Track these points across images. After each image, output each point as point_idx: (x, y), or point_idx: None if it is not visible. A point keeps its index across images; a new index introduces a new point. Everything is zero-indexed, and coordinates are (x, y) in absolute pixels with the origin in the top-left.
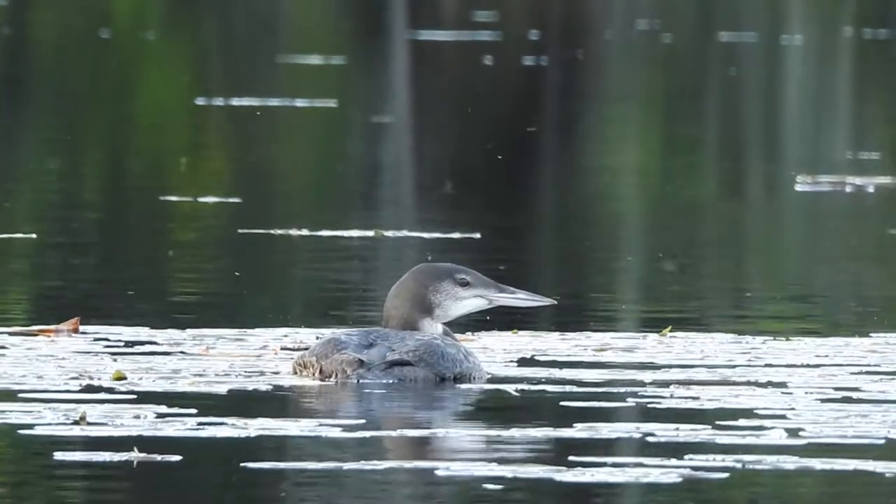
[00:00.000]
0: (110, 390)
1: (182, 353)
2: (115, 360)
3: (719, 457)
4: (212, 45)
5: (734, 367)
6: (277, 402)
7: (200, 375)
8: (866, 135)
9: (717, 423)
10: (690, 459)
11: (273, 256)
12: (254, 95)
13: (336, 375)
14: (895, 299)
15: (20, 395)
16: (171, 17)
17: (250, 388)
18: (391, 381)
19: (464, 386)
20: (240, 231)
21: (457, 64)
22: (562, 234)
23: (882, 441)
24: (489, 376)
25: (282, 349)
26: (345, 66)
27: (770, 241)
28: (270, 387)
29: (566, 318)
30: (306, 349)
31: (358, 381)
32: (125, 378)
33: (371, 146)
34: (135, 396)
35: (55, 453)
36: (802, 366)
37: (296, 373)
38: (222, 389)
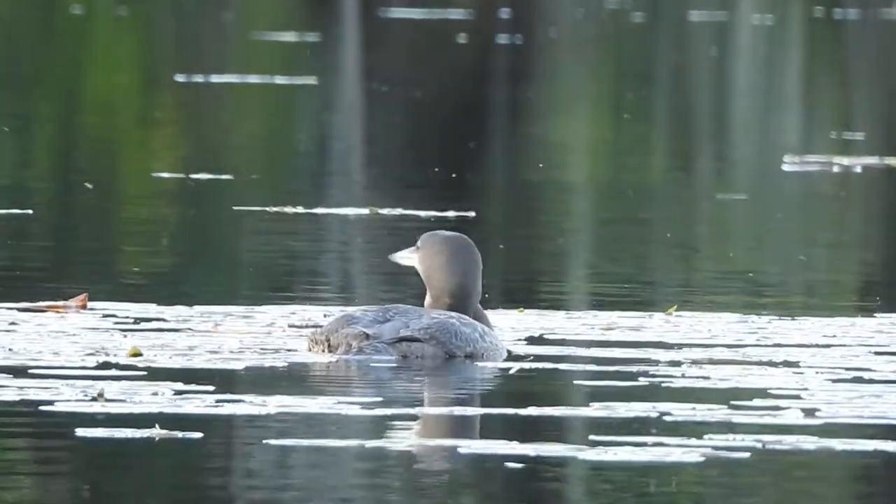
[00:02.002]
0: (126, 367)
1: (190, 329)
2: (125, 337)
3: (738, 436)
4: (182, 22)
5: (743, 346)
6: (294, 379)
7: (215, 353)
8: (841, 116)
9: (733, 402)
10: (710, 439)
11: (271, 234)
12: (233, 72)
13: (340, 348)
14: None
15: (34, 370)
16: None
17: (266, 365)
18: (396, 356)
19: (479, 364)
20: (234, 208)
21: (431, 42)
22: (541, 215)
23: None
24: (507, 355)
25: (290, 326)
26: (318, 43)
27: (759, 222)
28: (286, 364)
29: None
30: (315, 326)
31: (358, 351)
32: (141, 354)
33: (355, 123)
34: (146, 373)
35: (77, 430)
36: (811, 345)
37: (310, 349)
38: (237, 366)
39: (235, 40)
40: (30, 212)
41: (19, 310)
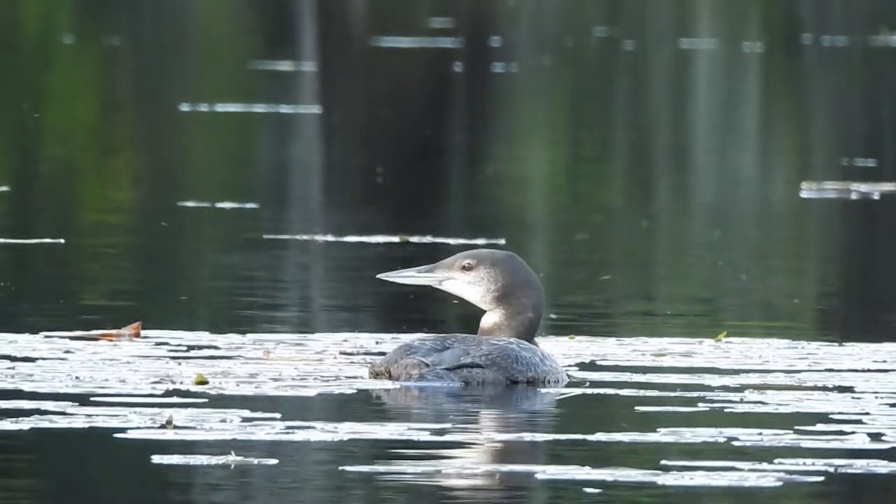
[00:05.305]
0: (189, 394)
1: (241, 356)
2: (179, 364)
3: (809, 461)
4: (179, 52)
5: (797, 371)
6: (360, 406)
7: (277, 380)
8: (847, 142)
9: (797, 427)
10: (780, 463)
11: (308, 262)
12: (237, 101)
13: (401, 379)
14: None
15: (97, 398)
16: (82, 20)
17: (330, 392)
18: (458, 383)
19: (542, 390)
20: (265, 237)
21: (429, 70)
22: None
23: None
24: (568, 380)
25: (341, 353)
26: (316, 73)
27: (784, 248)
28: (351, 391)
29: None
30: (366, 353)
31: (419, 378)
32: (207, 382)
33: (372, 152)
34: (209, 400)
35: (152, 457)
36: (864, 370)
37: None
38: (302, 394)
39: (231, 69)
40: (61, 241)
41: (71, 338)
